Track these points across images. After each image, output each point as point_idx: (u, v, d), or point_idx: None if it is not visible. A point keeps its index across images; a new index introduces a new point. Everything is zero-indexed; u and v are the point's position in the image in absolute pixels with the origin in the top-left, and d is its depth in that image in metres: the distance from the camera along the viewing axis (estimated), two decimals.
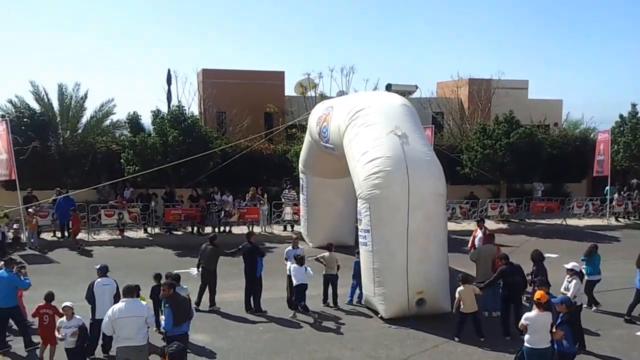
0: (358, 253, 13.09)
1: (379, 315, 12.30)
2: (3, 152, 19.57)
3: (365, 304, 12.95)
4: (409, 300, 11.95)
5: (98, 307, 10.00)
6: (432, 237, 12.17)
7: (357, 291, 13.27)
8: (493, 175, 23.64)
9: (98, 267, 10.49)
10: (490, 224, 22.95)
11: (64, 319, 9.29)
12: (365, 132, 13.23)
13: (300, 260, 12.39)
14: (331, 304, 13.12)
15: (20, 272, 11.08)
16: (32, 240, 18.82)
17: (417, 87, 30.83)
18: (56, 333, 9.27)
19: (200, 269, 12.94)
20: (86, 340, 9.43)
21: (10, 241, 18.72)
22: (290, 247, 13.44)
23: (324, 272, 13.22)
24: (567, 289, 10.99)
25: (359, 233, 12.91)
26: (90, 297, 10.12)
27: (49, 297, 9.98)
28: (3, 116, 22.59)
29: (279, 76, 30.05)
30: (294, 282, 12.25)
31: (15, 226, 19.20)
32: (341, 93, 26.73)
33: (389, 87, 27.78)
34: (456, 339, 11.03)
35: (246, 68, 29.97)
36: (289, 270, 12.57)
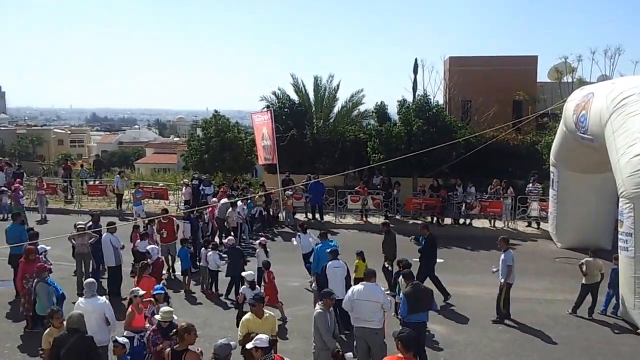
0: (616, 259, 11.65)
1: (639, 331, 10.78)
2: (268, 138, 22.04)
3: (622, 316, 11.47)
4: None
5: (330, 287, 10.54)
6: None
7: (614, 301, 11.84)
8: None
9: (329, 250, 11.04)
10: None
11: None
12: (634, 122, 11.71)
13: (304, 229, 13.46)
14: (580, 314, 11.84)
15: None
16: (288, 220, 20.92)
17: None
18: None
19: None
20: None
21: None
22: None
23: (583, 282, 11.87)
24: None
25: (619, 237, 11.46)
26: (324, 279, 10.76)
27: (268, 264, 11.95)
28: (269, 106, 25.48)
29: (531, 61, 28.21)
30: (301, 251, 13.31)
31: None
32: (604, 78, 24.00)
33: None
34: None
35: (496, 54, 28.70)
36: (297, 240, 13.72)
